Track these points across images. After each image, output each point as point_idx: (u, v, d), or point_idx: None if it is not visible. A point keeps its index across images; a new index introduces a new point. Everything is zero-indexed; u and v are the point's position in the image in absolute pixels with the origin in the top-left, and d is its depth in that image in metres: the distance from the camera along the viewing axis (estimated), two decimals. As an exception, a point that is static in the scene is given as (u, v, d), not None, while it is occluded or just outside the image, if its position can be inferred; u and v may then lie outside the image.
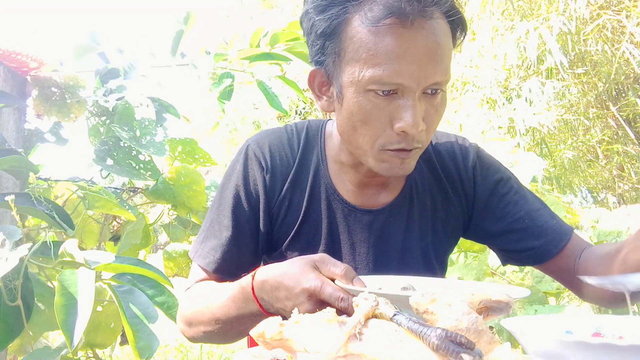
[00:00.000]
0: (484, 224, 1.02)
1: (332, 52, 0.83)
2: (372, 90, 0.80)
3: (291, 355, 0.57)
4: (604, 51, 4.26)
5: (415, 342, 0.50)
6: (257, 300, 0.76)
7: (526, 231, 0.97)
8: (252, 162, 0.97)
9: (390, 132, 0.82)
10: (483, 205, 1.01)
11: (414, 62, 0.77)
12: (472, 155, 1.03)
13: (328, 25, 0.81)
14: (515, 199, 1.00)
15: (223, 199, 0.98)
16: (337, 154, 0.98)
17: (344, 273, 0.69)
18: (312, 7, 0.84)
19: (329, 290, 0.68)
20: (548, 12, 4.40)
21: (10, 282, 1.18)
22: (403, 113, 0.80)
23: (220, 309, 0.84)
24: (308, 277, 0.70)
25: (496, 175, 1.02)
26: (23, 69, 1.73)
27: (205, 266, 0.97)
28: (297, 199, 0.98)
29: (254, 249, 0.98)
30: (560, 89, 4.50)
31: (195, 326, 0.91)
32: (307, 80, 0.91)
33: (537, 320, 0.71)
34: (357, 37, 0.79)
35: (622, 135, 4.68)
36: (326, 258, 0.73)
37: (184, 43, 1.99)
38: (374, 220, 0.98)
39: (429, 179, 1.02)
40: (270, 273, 0.75)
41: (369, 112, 0.82)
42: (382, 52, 0.77)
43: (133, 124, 1.80)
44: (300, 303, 0.69)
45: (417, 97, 0.80)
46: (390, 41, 0.77)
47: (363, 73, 0.79)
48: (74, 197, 1.70)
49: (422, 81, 0.79)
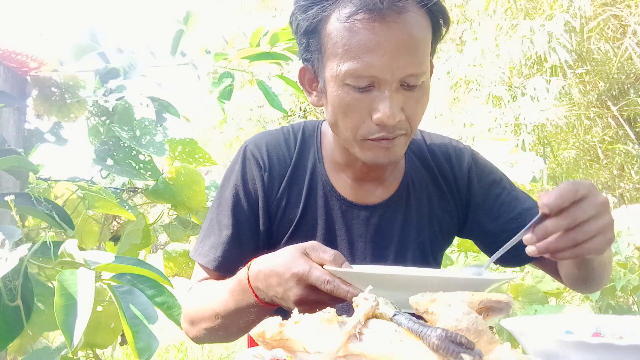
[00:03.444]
0: (481, 223, 1.04)
1: (315, 50, 0.87)
2: (349, 85, 0.83)
3: (291, 355, 0.57)
4: (605, 50, 4.26)
5: (415, 342, 0.50)
6: (253, 290, 0.78)
7: (520, 230, 0.99)
8: (250, 162, 1.00)
9: (370, 123, 0.85)
10: (479, 206, 1.04)
11: (386, 54, 0.80)
12: (466, 157, 1.06)
13: (310, 23, 0.85)
14: (508, 199, 1.03)
15: (222, 199, 1.00)
16: (332, 152, 1.01)
17: (332, 258, 0.72)
18: (297, 8, 0.88)
19: (316, 274, 0.70)
20: (552, 10, 4.40)
21: (10, 282, 1.18)
22: (379, 104, 0.83)
23: (220, 303, 0.86)
24: (297, 263, 0.72)
25: (490, 177, 1.05)
26: (23, 69, 1.73)
27: (206, 264, 0.99)
28: (294, 196, 1.00)
29: (253, 247, 1.00)
30: (564, 87, 4.51)
31: (197, 324, 0.93)
32: (298, 77, 0.95)
33: (537, 320, 0.72)
34: (334, 34, 0.83)
35: (622, 135, 4.68)
36: (316, 245, 0.75)
37: (184, 43, 1.99)
38: (371, 215, 1.00)
39: (425, 176, 1.04)
40: (263, 262, 0.77)
41: (349, 105, 0.85)
42: (355, 46, 0.80)
43: (133, 124, 1.79)
44: (290, 288, 0.72)
45: (393, 89, 0.82)
46: (363, 35, 0.80)
47: (340, 67, 0.82)
48: (74, 197, 1.70)
49: (395, 73, 0.81)
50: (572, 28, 4.19)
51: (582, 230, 0.69)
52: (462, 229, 1.08)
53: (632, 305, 2.45)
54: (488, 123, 4.67)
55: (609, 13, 4.06)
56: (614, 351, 0.51)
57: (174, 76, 2.08)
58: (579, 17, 4.13)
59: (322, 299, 0.71)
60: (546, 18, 4.37)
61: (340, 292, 0.68)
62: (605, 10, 4.08)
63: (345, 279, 0.69)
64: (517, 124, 4.63)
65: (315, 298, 0.71)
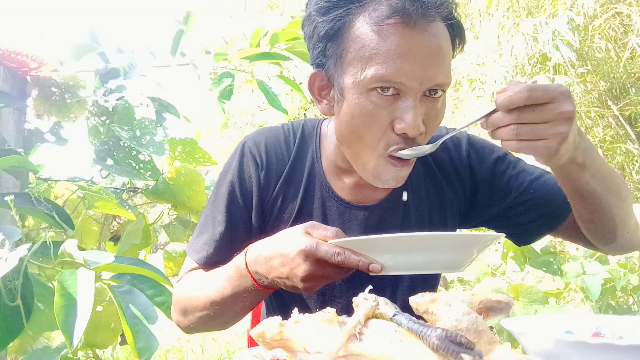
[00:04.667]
0: (492, 205, 1.02)
1: (334, 54, 0.84)
2: (374, 89, 0.80)
3: (291, 355, 0.57)
4: (607, 50, 4.26)
5: (415, 342, 0.50)
6: (251, 275, 0.79)
7: (533, 201, 0.98)
8: (248, 159, 0.99)
9: (391, 133, 0.83)
10: (487, 188, 1.02)
11: (417, 62, 0.78)
12: (464, 144, 1.04)
13: (331, 27, 0.82)
14: (515, 173, 1.01)
15: (218, 195, 1.00)
16: (332, 155, 0.99)
17: (335, 234, 0.73)
18: (315, 10, 0.84)
19: (325, 248, 0.70)
20: (555, 7, 4.39)
21: (10, 282, 1.18)
22: (404, 114, 0.80)
23: (216, 290, 0.86)
24: (302, 240, 0.72)
25: (492, 156, 1.03)
26: (23, 69, 1.73)
27: (198, 260, 0.99)
28: (290, 196, 0.99)
29: (246, 245, 0.99)
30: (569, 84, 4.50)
31: (190, 313, 0.93)
32: (307, 83, 0.92)
33: (537, 320, 0.72)
34: (360, 37, 0.80)
35: (622, 135, 4.68)
36: (316, 223, 0.75)
37: (184, 43, 1.99)
38: (370, 215, 0.99)
39: (423, 173, 1.03)
40: (262, 246, 0.78)
41: (370, 113, 0.82)
42: (385, 50, 0.78)
43: (133, 123, 1.79)
44: (297, 265, 0.72)
45: (418, 99, 0.80)
46: (394, 40, 0.78)
47: (365, 72, 0.80)
48: (74, 197, 1.70)
49: (424, 82, 0.79)
50: (575, 26, 4.18)
51: (529, 129, 0.70)
52: (466, 220, 1.06)
53: (632, 305, 2.45)
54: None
55: (614, 11, 4.05)
56: (614, 351, 0.51)
57: (174, 76, 2.07)
58: (582, 15, 4.13)
59: (329, 273, 0.72)
60: (549, 16, 4.36)
61: (352, 261, 0.69)
62: (610, 9, 4.08)
63: (353, 248, 0.70)
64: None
65: (322, 273, 0.72)
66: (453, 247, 0.67)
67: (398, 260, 0.67)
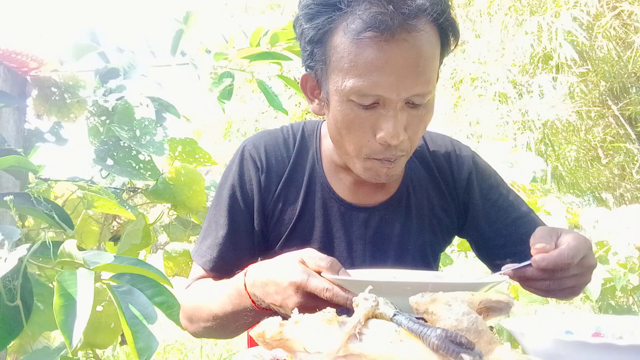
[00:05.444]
0: (478, 226, 1.05)
1: (320, 60, 0.85)
2: (353, 101, 0.81)
3: (291, 355, 0.56)
4: (608, 49, 4.25)
5: (415, 342, 0.50)
6: (249, 296, 0.79)
7: (511, 237, 1.01)
8: (248, 162, 0.99)
9: (374, 142, 0.84)
10: (478, 209, 1.04)
11: (393, 73, 0.78)
12: (467, 160, 1.05)
13: (315, 33, 0.83)
14: (505, 206, 1.04)
15: (220, 199, 1.00)
16: (332, 154, 1.00)
17: (329, 265, 0.71)
18: (302, 14, 0.85)
19: (315, 283, 0.70)
20: (558, 6, 4.38)
21: (10, 282, 1.18)
22: (384, 123, 0.81)
23: (217, 306, 0.86)
24: (295, 271, 0.71)
25: (489, 181, 1.05)
26: (23, 69, 1.73)
27: (203, 265, 1.00)
28: (292, 198, 0.99)
29: (249, 248, 1.00)
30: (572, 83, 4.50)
31: (196, 322, 0.94)
32: (300, 83, 0.94)
33: (537, 320, 0.72)
34: (340, 48, 0.81)
35: (623, 135, 4.68)
36: (312, 252, 0.75)
37: (184, 42, 1.99)
38: (371, 217, 0.99)
39: (426, 178, 1.04)
40: (260, 270, 0.77)
41: (352, 121, 0.83)
42: (362, 63, 0.79)
43: (133, 123, 1.79)
44: (289, 296, 0.71)
45: (398, 108, 0.81)
46: (370, 53, 0.78)
47: (345, 83, 0.81)
48: (73, 197, 1.70)
49: (401, 92, 0.80)
50: (580, 24, 4.18)
51: (559, 282, 0.75)
52: (462, 229, 1.08)
53: (632, 305, 2.45)
54: (494, 120, 4.67)
55: (619, 9, 4.04)
56: (614, 351, 0.51)
57: (174, 76, 2.07)
58: (585, 14, 4.12)
59: (321, 305, 0.70)
60: (553, 15, 4.36)
61: (340, 299, 0.68)
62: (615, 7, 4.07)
63: (344, 285, 0.69)
64: (524, 122, 4.62)
65: (314, 305, 0.70)
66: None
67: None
